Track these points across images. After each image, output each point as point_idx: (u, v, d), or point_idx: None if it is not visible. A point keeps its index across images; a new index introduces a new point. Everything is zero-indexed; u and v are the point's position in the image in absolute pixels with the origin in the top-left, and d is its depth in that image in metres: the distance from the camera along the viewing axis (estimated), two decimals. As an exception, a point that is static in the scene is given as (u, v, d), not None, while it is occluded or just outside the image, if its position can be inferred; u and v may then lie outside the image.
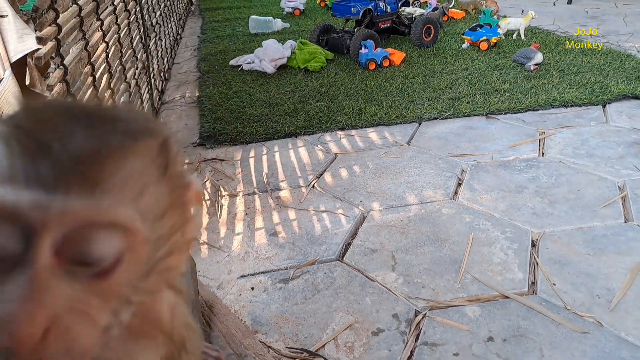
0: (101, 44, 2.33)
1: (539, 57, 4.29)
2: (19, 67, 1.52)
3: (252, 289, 1.98)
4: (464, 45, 4.95)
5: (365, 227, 2.34)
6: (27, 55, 1.52)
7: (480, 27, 4.99)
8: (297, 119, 3.48)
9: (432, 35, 4.99)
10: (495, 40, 4.86)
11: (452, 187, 2.64)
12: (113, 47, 2.55)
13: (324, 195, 2.63)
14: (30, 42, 1.53)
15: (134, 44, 3.14)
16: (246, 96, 3.91)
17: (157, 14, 4.29)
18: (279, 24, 5.91)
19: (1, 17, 1.46)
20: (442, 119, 3.48)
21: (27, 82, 1.52)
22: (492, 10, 5.57)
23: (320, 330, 1.77)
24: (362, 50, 4.39)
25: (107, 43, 2.42)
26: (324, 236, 2.28)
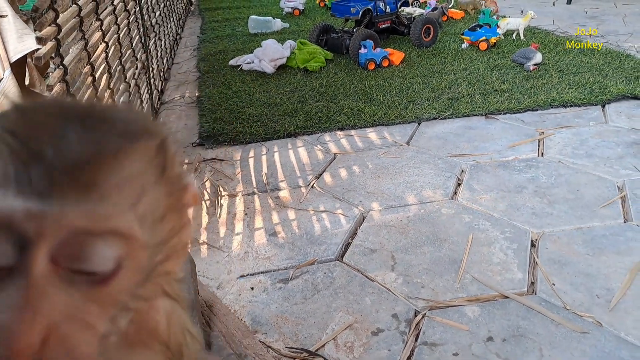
0: (101, 44, 2.33)
1: (538, 57, 4.29)
2: (19, 67, 1.52)
3: (252, 288, 1.98)
4: (464, 46, 4.96)
5: (365, 227, 2.34)
6: (27, 55, 1.52)
7: (480, 27, 4.99)
8: (296, 119, 3.48)
9: (431, 36, 4.99)
10: (494, 41, 4.86)
11: (452, 187, 2.64)
12: (113, 47, 2.55)
13: (323, 195, 2.63)
14: (29, 42, 1.53)
15: (134, 44, 3.14)
16: (246, 96, 3.91)
17: (157, 14, 4.29)
18: (278, 24, 5.92)
19: (1, 17, 1.46)
20: (441, 119, 3.48)
21: (26, 82, 1.52)
22: (491, 11, 5.57)
23: (320, 330, 1.77)
24: (362, 50, 4.39)
25: (106, 43, 2.42)
26: (323, 236, 2.28)
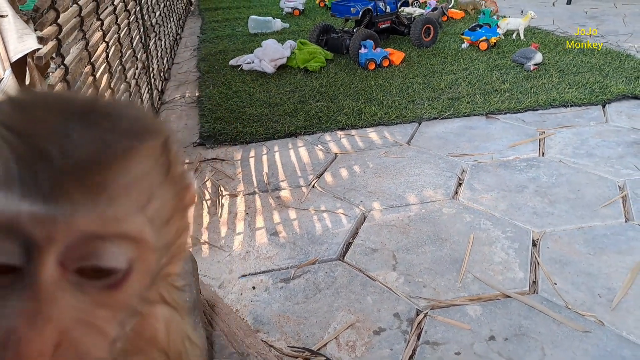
0: (101, 43, 2.33)
1: (538, 57, 4.29)
2: (19, 67, 1.52)
3: (254, 288, 1.98)
4: (464, 45, 4.96)
5: (366, 226, 2.34)
6: (27, 55, 1.52)
7: (480, 27, 4.99)
8: (297, 118, 3.48)
9: (431, 36, 4.99)
10: (494, 41, 4.86)
11: (453, 187, 2.64)
12: (113, 47, 2.55)
13: (324, 195, 2.63)
14: (30, 42, 1.53)
15: (134, 44, 3.13)
16: (246, 96, 3.91)
17: (157, 14, 4.29)
18: (278, 24, 5.92)
19: (1, 17, 1.46)
20: (442, 118, 3.48)
21: (27, 82, 1.52)
22: (491, 11, 5.57)
23: (321, 329, 1.77)
24: (362, 50, 4.39)
25: (107, 43, 2.42)
26: (324, 236, 2.28)
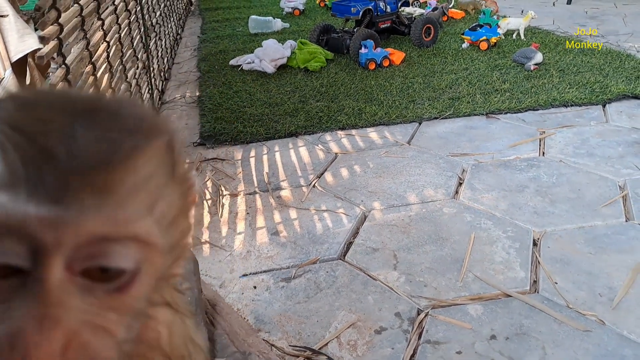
0: (102, 43, 2.33)
1: (538, 57, 4.30)
2: (20, 66, 1.52)
3: (255, 287, 1.98)
4: (464, 45, 4.96)
5: (367, 226, 2.34)
6: (28, 55, 1.52)
7: (480, 27, 5.00)
8: (297, 118, 3.48)
9: (431, 35, 5.00)
10: (495, 40, 4.86)
11: (453, 187, 2.64)
12: (114, 47, 2.55)
13: (325, 194, 2.63)
14: (30, 42, 1.53)
15: (135, 44, 3.13)
16: (246, 96, 3.91)
17: (157, 14, 4.29)
18: (278, 24, 5.92)
19: (2, 17, 1.46)
20: (442, 118, 3.48)
21: (27, 81, 1.52)
22: (491, 10, 5.58)
23: (323, 328, 1.77)
24: (362, 50, 4.39)
25: (108, 43, 2.42)
26: (325, 235, 2.28)
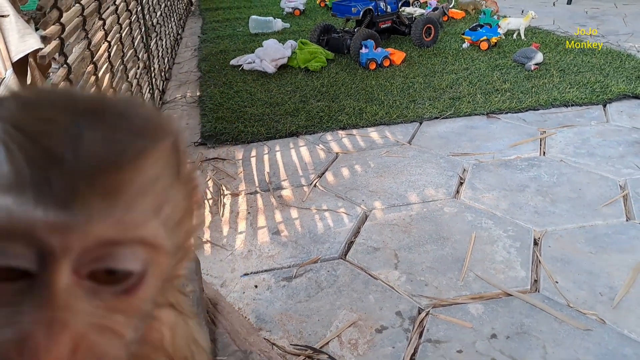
0: (103, 43, 2.34)
1: (539, 57, 4.30)
2: (21, 66, 1.52)
3: (256, 286, 1.98)
4: (465, 45, 4.96)
5: (368, 225, 2.34)
6: (29, 54, 1.52)
7: (481, 27, 5.00)
8: (298, 118, 3.48)
9: (432, 35, 5.00)
10: (495, 40, 4.86)
11: (454, 186, 2.64)
12: (115, 47, 2.55)
13: (325, 194, 2.63)
14: (31, 42, 1.53)
15: (135, 44, 3.14)
16: (247, 96, 3.91)
17: (158, 14, 4.30)
18: (279, 24, 5.92)
19: (2, 17, 1.47)
20: (443, 118, 3.48)
21: (28, 81, 1.53)
22: (492, 10, 5.58)
23: (324, 327, 1.77)
24: (363, 50, 4.40)
25: (109, 42, 2.42)
26: (326, 235, 2.29)
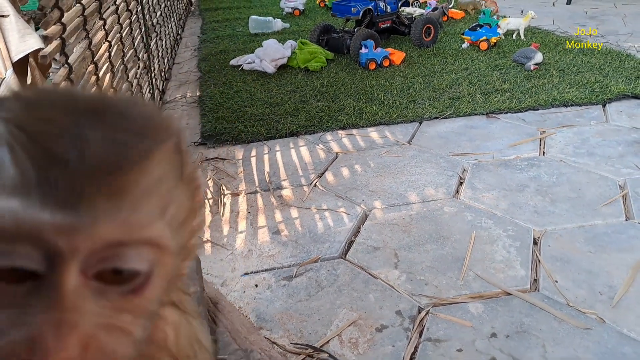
0: (104, 43, 2.34)
1: (538, 57, 4.30)
2: (21, 66, 1.52)
3: (256, 286, 1.99)
4: (464, 45, 4.97)
5: (368, 225, 2.35)
6: (29, 54, 1.53)
7: (480, 27, 5.01)
8: (298, 118, 3.49)
9: (432, 35, 5.00)
10: (495, 40, 4.87)
11: (454, 186, 2.65)
12: (115, 47, 2.56)
13: (326, 194, 2.64)
14: (31, 42, 1.54)
15: (136, 44, 3.14)
16: (247, 96, 3.92)
17: (158, 14, 4.30)
18: (279, 24, 5.92)
19: (2, 17, 1.47)
20: (442, 118, 3.49)
21: (28, 81, 1.53)
22: (491, 11, 5.58)
23: (324, 326, 1.78)
24: (363, 50, 4.40)
25: (109, 42, 2.42)
26: (326, 234, 2.29)
